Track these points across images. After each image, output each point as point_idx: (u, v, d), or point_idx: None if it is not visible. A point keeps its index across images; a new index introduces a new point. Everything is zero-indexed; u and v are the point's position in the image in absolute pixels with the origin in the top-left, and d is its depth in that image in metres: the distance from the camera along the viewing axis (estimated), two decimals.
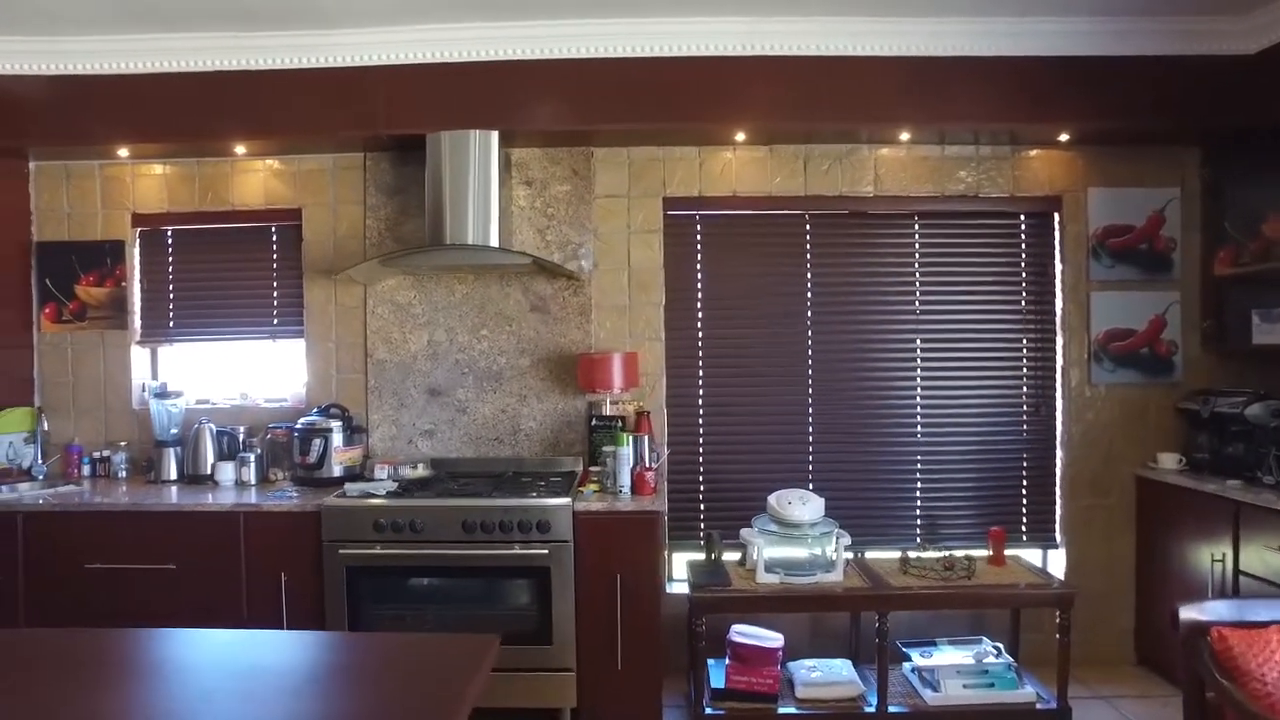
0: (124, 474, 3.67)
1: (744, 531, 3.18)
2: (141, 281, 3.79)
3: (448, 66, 3.31)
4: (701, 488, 3.64)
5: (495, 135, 3.32)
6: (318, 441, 3.38)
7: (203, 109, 3.40)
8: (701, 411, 3.64)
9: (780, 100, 3.28)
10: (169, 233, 3.75)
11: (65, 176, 3.76)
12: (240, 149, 3.55)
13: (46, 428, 3.68)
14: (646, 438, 3.25)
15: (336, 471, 3.40)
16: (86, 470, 3.71)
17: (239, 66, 3.36)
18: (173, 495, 3.23)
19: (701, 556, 3.31)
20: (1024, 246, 3.64)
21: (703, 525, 3.62)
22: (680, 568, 3.58)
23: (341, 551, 2.99)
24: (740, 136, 3.44)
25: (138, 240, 3.77)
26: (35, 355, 3.80)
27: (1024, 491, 3.65)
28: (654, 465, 3.21)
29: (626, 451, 3.12)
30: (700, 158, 3.58)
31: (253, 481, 3.47)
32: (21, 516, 3.16)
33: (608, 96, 3.29)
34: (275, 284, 3.75)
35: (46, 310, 3.79)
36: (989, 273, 3.64)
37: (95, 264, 3.75)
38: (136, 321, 3.79)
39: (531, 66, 3.30)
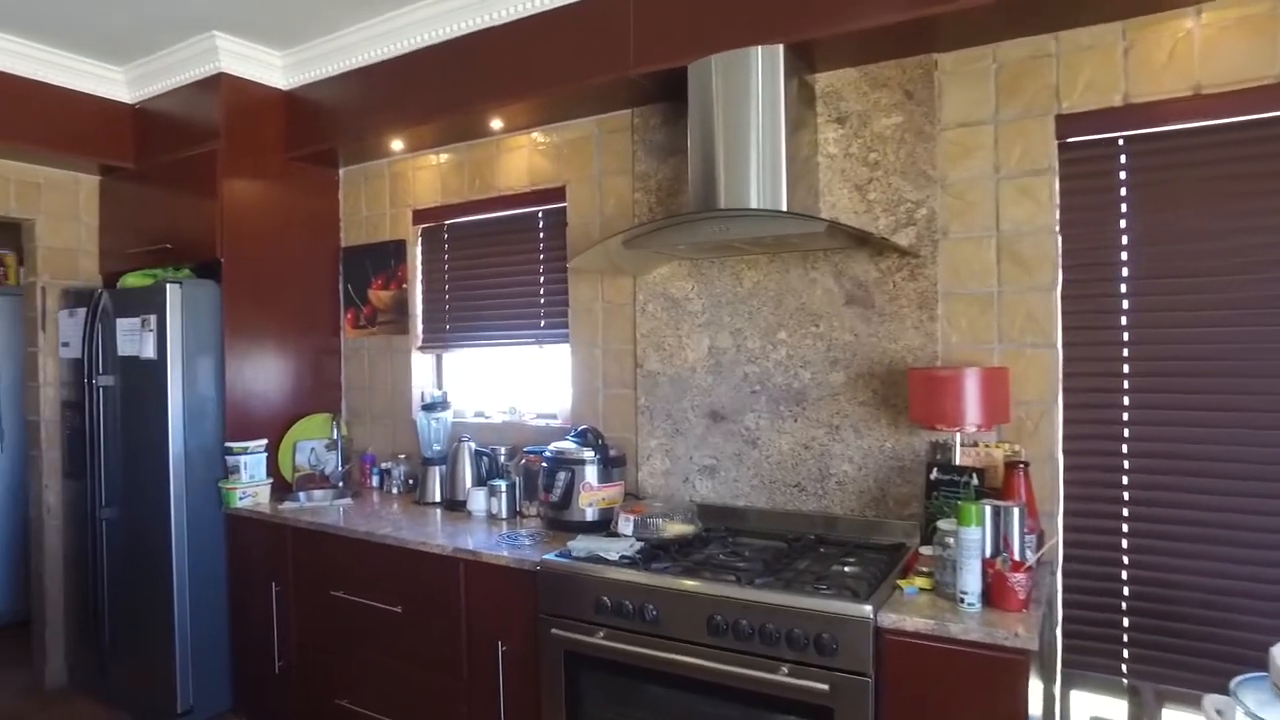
0: (397, 490, 3.40)
1: (1211, 702, 1.70)
2: (422, 282, 3.50)
3: None
4: (1125, 592, 2.18)
5: (781, 52, 2.29)
6: (562, 474, 2.68)
7: (453, 80, 2.93)
8: (1127, 467, 2.17)
9: None
10: (445, 227, 3.40)
11: (363, 180, 3.64)
12: (496, 122, 3.02)
13: (341, 434, 3.55)
14: (1017, 510, 1.94)
15: (589, 515, 2.66)
16: (375, 481, 3.52)
17: (479, 25, 2.83)
18: (410, 524, 2.79)
19: (1120, 712, 1.90)
20: None
21: (1124, 666, 2.16)
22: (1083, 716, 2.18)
23: (554, 631, 2.23)
24: None
25: (419, 238, 3.49)
26: (342, 361, 3.75)
27: None
28: (1031, 560, 1.90)
29: (976, 535, 1.85)
30: (1126, 40, 2.13)
31: (503, 515, 2.90)
32: (290, 531, 2.99)
33: None
34: (542, 278, 3.17)
35: (348, 315, 3.70)
36: None
37: (382, 266, 3.56)
38: (419, 326, 3.51)
39: None
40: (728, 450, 2.71)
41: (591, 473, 2.68)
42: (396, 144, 3.30)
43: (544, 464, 2.76)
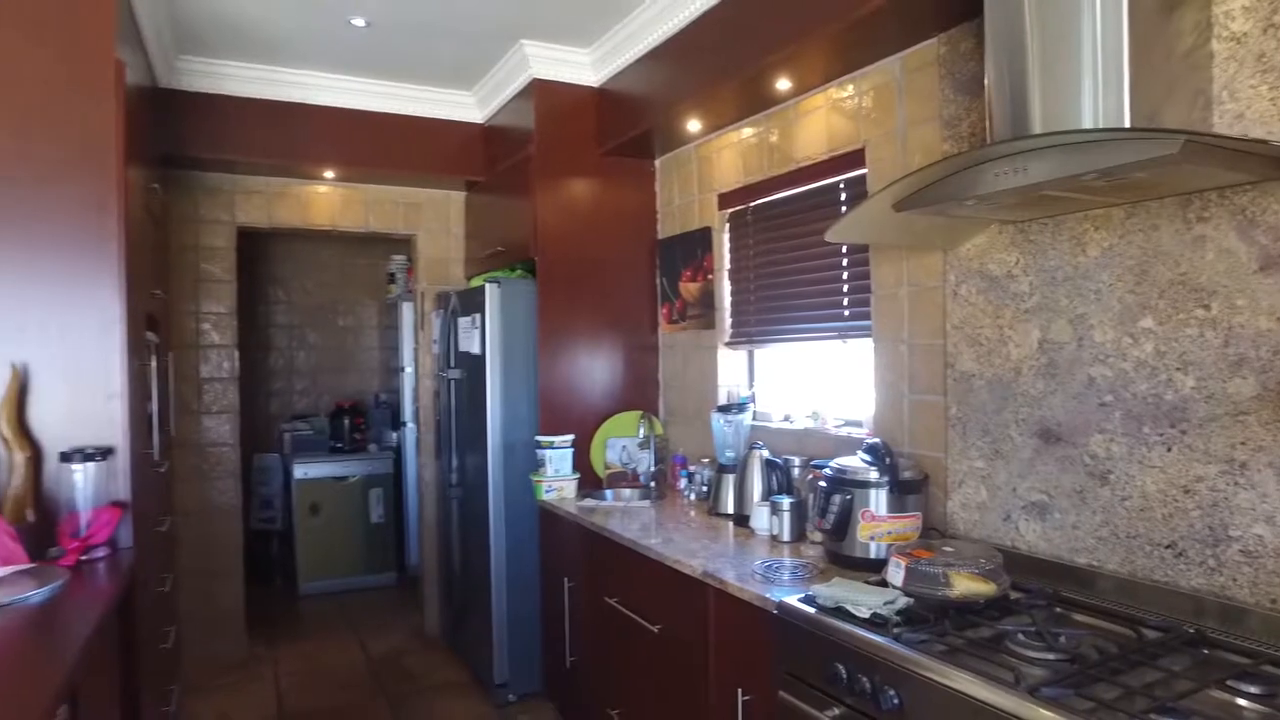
0: (693, 496, 3.17)
1: None
2: (729, 271, 3.22)
3: None
4: None
5: None
6: (838, 498, 2.19)
7: (734, 39, 2.60)
8: None
9: None
10: (749, 210, 3.08)
11: (675, 167, 3.49)
12: (784, 81, 2.61)
13: (652, 433, 3.45)
14: None
15: (872, 550, 2.14)
16: (682, 485, 3.35)
17: None
18: (683, 536, 2.53)
19: None
20: None
21: None
22: None
23: (783, 694, 1.78)
24: None
25: (726, 224, 3.22)
26: (659, 357, 3.66)
27: None
28: None
29: None
30: None
31: (785, 537, 2.49)
32: (580, 529, 2.97)
33: None
34: (845, 261, 2.67)
35: (663, 310, 3.59)
36: None
37: (690, 257, 3.36)
38: (725, 319, 3.24)
39: None
40: (1064, 484, 1.94)
41: (877, 498, 2.15)
42: (694, 124, 3.08)
43: (821, 483, 2.29)
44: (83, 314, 2.13)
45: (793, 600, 1.85)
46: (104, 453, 2.13)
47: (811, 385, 2.97)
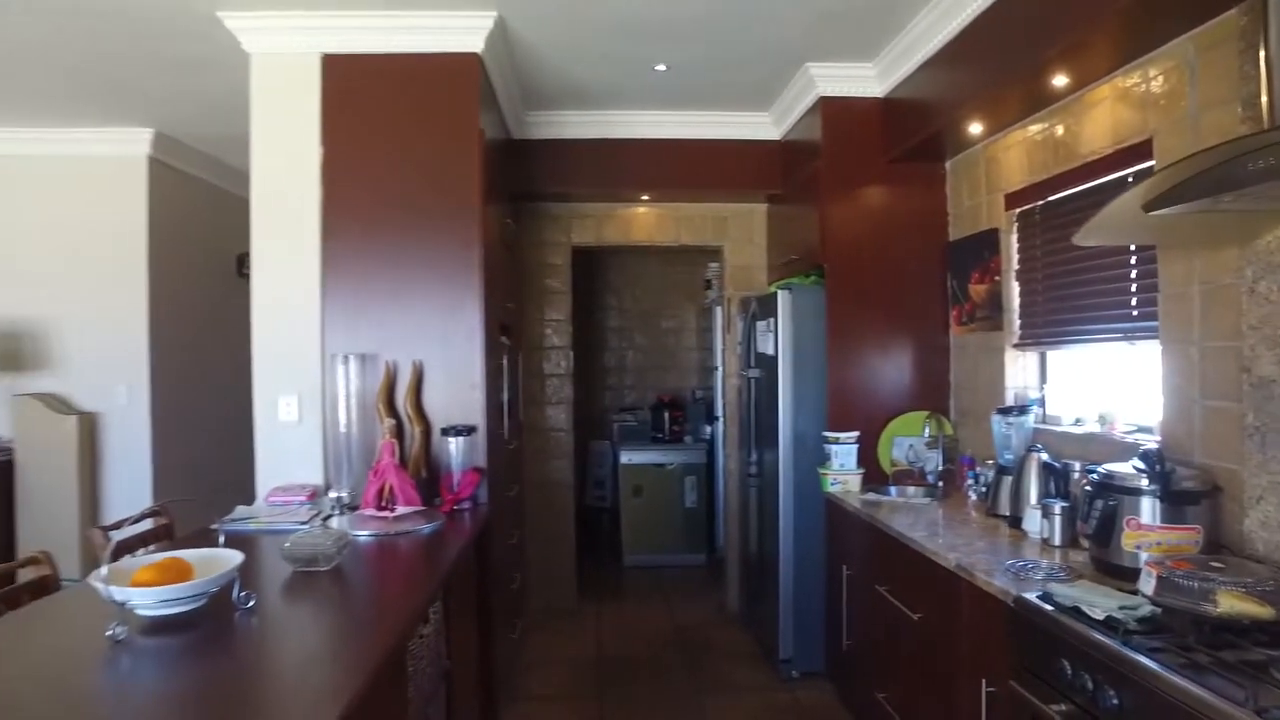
0: (975, 497, 3.15)
1: None
2: (1017, 272, 3.14)
3: None
4: None
5: None
6: (1100, 503, 2.13)
7: (1010, 31, 2.60)
8: None
9: None
10: (1036, 209, 2.99)
11: (964, 169, 3.48)
12: (1060, 78, 2.53)
13: (941, 433, 3.47)
14: None
15: (1142, 559, 2.06)
16: (969, 484, 3.33)
17: None
18: (951, 532, 2.60)
19: None
20: None
21: None
22: None
23: (1013, 684, 1.84)
24: None
25: (1014, 224, 3.15)
26: (951, 359, 3.65)
27: None
28: None
29: None
30: None
31: (1055, 541, 2.45)
32: (858, 520, 3.14)
33: None
34: (1133, 259, 2.51)
35: (954, 311, 3.58)
36: None
37: (977, 259, 3.33)
38: (1014, 321, 3.17)
39: None
40: None
41: (1145, 507, 2.06)
42: (975, 126, 3.07)
43: (1086, 487, 2.23)
44: (456, 323, 2.86)
45: (1030, 596, 1.89)
46: (469, 430, 2.83)
47: (1103, 388, 2.81)
